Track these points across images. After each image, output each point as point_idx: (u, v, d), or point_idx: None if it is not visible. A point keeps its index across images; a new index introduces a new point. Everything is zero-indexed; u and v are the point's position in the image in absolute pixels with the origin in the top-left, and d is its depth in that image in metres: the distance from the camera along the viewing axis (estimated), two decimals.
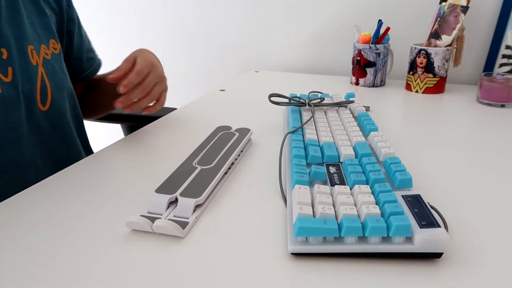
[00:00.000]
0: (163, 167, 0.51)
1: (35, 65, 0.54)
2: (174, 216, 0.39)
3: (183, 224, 0.37)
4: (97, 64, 0.76)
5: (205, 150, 0.51)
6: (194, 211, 0.40)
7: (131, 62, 0.57)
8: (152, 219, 0.37)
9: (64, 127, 0.62)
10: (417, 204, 0.37)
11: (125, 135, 0.99)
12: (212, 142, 0.53)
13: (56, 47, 0.60)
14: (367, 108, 0.75)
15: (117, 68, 0.57)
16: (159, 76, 0.61)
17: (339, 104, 0.68)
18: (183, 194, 0.40)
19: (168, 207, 0.40)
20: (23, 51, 0.53)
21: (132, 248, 0.35)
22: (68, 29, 0.66)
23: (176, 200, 0.40)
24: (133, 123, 0.96)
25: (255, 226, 0.39)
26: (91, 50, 0.75)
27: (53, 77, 0.57)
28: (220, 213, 0.41)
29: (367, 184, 0.41)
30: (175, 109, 0.89)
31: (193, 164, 0.47)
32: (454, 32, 0.86)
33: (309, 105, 0.65)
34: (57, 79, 0.58)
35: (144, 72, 0.56)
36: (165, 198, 0.40)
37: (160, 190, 0.41)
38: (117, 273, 0.32)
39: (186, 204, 0.39)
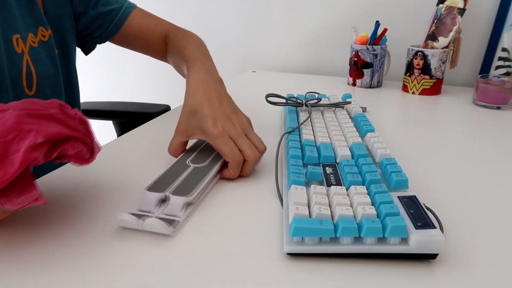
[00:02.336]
0: (158, 166, 0.51)
1: (20, 53, 0.57)
2: (165, 214, 0.39)
3: (173, 223, 0.37)
4: (122, 13, 0.71)
5: (199, 148, 0.51)
6: (186, 209, 0.40)
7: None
8: (143, 217, 0.37)
9: None
10: (412, 205, 0.37)
11: (117, 131, 0.98)
12: (206, 141, 0.53)
13: (45, 34, 0.61)
14: (364, 109, 0.75)
15: (171, 147, 0.52)
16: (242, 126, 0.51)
17: (336, 105, 0.68)
18: (174, 192, 0.40)
19: (159, 205, 0.40)
20: (8, 40, 0.56)
21: (122, 246, 0.35)
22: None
23: (168, 198, 0.40)
24: (124, 119, 0.96)
25: (251, 226, 0.39)
26: (108, 3, 0.70)
27: (38, 63, 0.59)
28: (215, 212, 0.41)
29: (363, 185, 0.41)
30: (170, 108, 0.89)
31: (186, 162, 0.47)
32: (451, 34, 0.87)
33: (306, 105, 0.65)
34: (43, 66, 0.60)
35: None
36: (156, 196, 0.40)
37: (151, 188, 0.41)
38: (106, 271, 0.32)
39: (176, 202, 0.39)
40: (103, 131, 1.04)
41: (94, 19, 0.69)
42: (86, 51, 0.75)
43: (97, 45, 0.75)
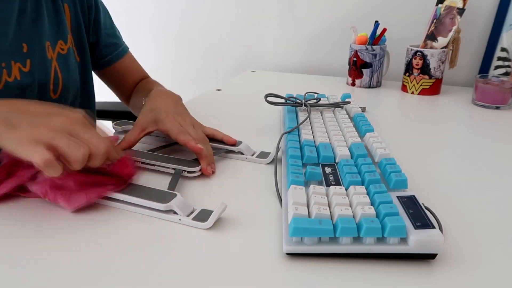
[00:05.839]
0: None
1: (50, 59, 0.60)
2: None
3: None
4: (121, 50, 0.76)
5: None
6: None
7: (141, 130, 0.55)
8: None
9: None
10: (412, 205, 0.37)
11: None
12: None
13: (72, 43, 0.65)
14: (363, 109, 0.75)
15: (125, 139, 0.54)
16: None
17: (335, 105, 0.68)
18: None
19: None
20: (41, 46, 0.59)
21: (129, 246, 0.35)
22: (88, 16, 0.69)
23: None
24: (124, 119, 0.96)
25: (250, 226, 0.39)
26: (112, 36, 0.75)
27: (65, 70, 0.63)
28: None
29: (362, 184, 0.41)
30: None
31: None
32: (450, 34, 0.87)
33: (305, 105, 0.65)
34: (69, 72, 0.64)
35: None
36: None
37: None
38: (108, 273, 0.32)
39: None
40: (102, 130, 1.05)
41: (104, 47, 0.73)
42: None
43: None
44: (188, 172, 0.48)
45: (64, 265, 0.33)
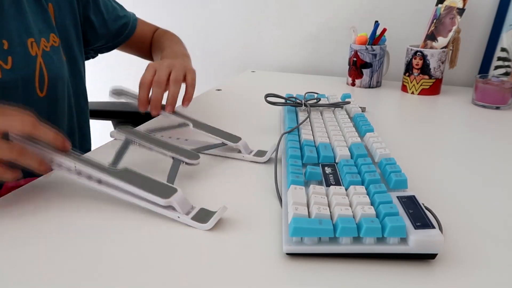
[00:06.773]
0: (156, 167, 0.51)
1: (34, 55, 0.61)
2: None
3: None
4: (131, 26, 0.81)
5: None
6: None
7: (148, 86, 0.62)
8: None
9: (59, 114, 0.66)
10: (412, 205, 0.37)
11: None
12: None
13: (56, 40, 0.65)
14: (363, 109, 0.75)
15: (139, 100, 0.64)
16: (171, 65, 0.63)
17: (335, 105, 0.68)
18: None
19: None
20: (23, 43, 0.59)
21: (129, 246, 0.35)
22: (85, 15, 0.72)
23: None
24: (124, 119, 0.96)
25: (250, 226, 0.39)
26: (118, 18, 0.78)
27: (51, 67, 0.63)
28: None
29: (362, 184, 0.41)
30: None
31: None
32: (450, 34, 0.87)
33: (305, 105, 0.65)
34: (55, 69, 0.64)
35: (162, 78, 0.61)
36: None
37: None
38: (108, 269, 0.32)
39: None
40: (103, 131, 1.04)
41: (115, 33, 0.78)
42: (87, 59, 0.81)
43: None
44: (187, 163, 0.48)
45: (58, 263, 0.33)
